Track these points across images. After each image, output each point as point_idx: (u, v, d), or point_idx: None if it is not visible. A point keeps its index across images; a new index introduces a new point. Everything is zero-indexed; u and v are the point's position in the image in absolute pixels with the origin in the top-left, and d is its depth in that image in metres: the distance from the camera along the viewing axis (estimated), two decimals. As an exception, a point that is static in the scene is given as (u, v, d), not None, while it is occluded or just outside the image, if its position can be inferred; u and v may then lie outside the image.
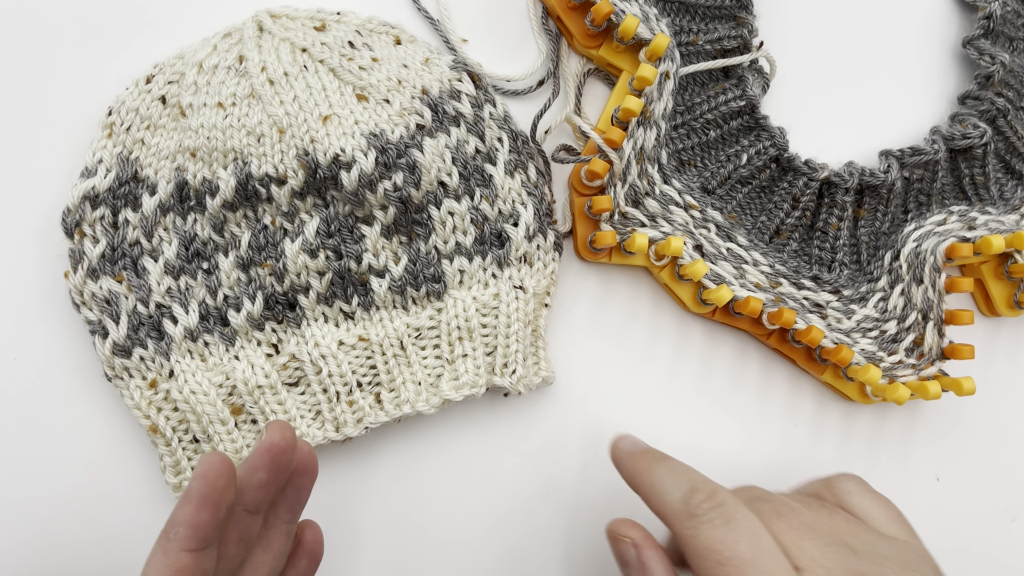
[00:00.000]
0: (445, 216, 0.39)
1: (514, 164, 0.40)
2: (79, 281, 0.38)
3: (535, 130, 0.42)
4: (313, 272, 0.38)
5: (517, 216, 0.40)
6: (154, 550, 0.28)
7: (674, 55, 0.40)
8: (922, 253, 0.43)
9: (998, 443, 0.48)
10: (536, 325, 0.41)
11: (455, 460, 0.42)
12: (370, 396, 0.39)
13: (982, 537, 0.47)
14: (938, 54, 0.49)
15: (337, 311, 0.39)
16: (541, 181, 0.42)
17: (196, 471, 0.28)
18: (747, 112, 0.44)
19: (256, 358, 0.38)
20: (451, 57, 0.42)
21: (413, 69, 0.40)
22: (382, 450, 0.41)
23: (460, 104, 0.40)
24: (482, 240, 0.40)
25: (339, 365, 0.38)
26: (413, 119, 0.39)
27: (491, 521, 0.42)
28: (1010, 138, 0.47)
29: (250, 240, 0.38)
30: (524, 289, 0.40)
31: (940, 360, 0.44)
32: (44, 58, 0.41)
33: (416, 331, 0.39)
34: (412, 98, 0.39)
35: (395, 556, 0.41)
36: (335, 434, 0.38)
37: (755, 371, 0.45)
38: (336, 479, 0.41)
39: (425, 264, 0.39)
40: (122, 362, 0.37)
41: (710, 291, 0.41)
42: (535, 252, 0.40)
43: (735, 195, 0.44)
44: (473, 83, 0.41)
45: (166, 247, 0.38)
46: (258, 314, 0.38)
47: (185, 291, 0.38)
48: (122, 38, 0.42)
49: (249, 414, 0.38)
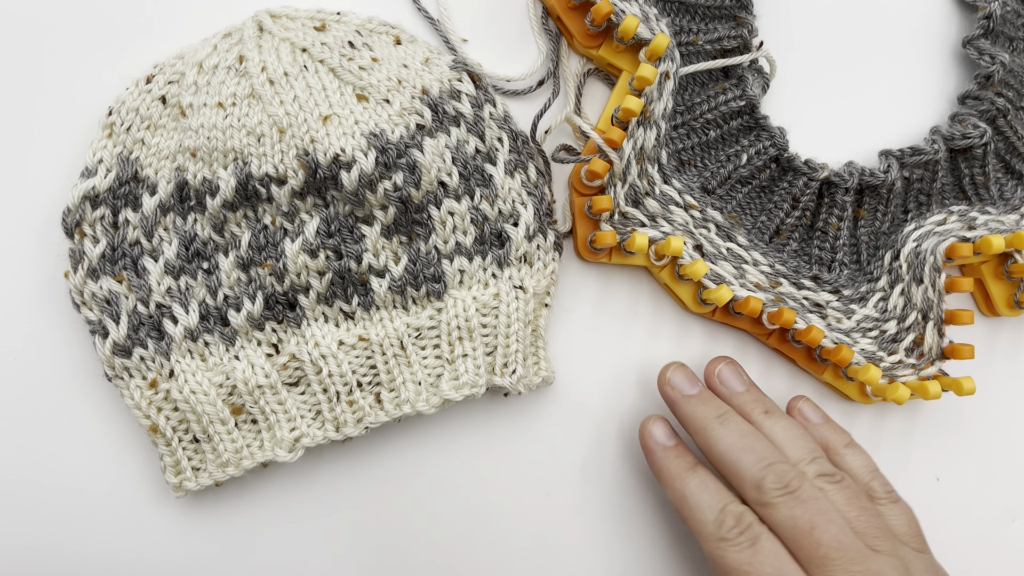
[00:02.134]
0: (445, 216, 0.39)
1: (514, 164, 0.40)
2: (79, 281, 0.38)
3: (535, 130, 0.42)
4: (313, 272, 0.38)
5: (517, 216, 0.40)
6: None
7: (674, 55, 0.40)
8: (922, 253, 0.43)
9: (998, 443, 0.48)
10: (536, 325, 0.41)
11: (455, 460, 0.42)
12: (370, 396, 0.39)
13: (982, 537, 0.47)
14: (938, 54, 0.49)
15: (337, 311, 0.39)
16: (541, 181, 0.42)
17: None
18: (747, 112, 0.44)
19: (256, 358, 0.38)
20: (451, 57, 0.42)
21: (413, 69, 0.40)
22: (382, 450, 0.41)
23: (460, 104, 0.40)
24: (482, 240, 0.40)
25: (339, 365, 0.38)
26: (413, 119, 0.39)
27: (491, 521, 0.42)
28: (1010, 138, 0.47)
29: (250, 240, 0.38)
30: (524, 289, 0.40)
31: (940, 360, 0.44)
32: (44, 58, 0.41)
33: (416, 331, 0.39)
34: (412, 98, 0.39)
35: (395, 556, 0.41)
36: (335, 434, 0.38)
37: (755, 371, 0.45)
38: (336, 479, 0.41)
39: (425, 264, 0.39)
40: (122, 362, 0.37)
41: (710, 291, 0.41)
42: (535, 252, 0.40)
43: (735, 195, 0.44)
44: (473, 83, 0.41)
45: (166, 247, 0.38)
46: (258, 314, 0.38)
47: (185, 291, 0.38)
48: (122, 38, 0.42)
49: (249, 414, 0.38)
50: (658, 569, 0.43)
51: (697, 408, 0.39)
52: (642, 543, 0.43)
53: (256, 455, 0.38)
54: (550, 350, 0.43)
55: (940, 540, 0.39)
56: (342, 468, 0.41)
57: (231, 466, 0.37)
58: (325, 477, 0.41)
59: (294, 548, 0.40)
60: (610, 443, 0.43)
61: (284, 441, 0.38)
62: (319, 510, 0.41)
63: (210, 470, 0.38)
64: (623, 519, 0.43)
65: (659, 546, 0.43)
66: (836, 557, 0.34)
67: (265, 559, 0.40)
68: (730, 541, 0.35)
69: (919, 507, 0.39)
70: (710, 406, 0.39)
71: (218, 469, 0.38)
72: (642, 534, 0.43)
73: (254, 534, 0.40)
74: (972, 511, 0.47)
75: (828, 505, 0.35)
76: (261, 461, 0.38)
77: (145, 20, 0.42)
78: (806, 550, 0.34)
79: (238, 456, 0.38)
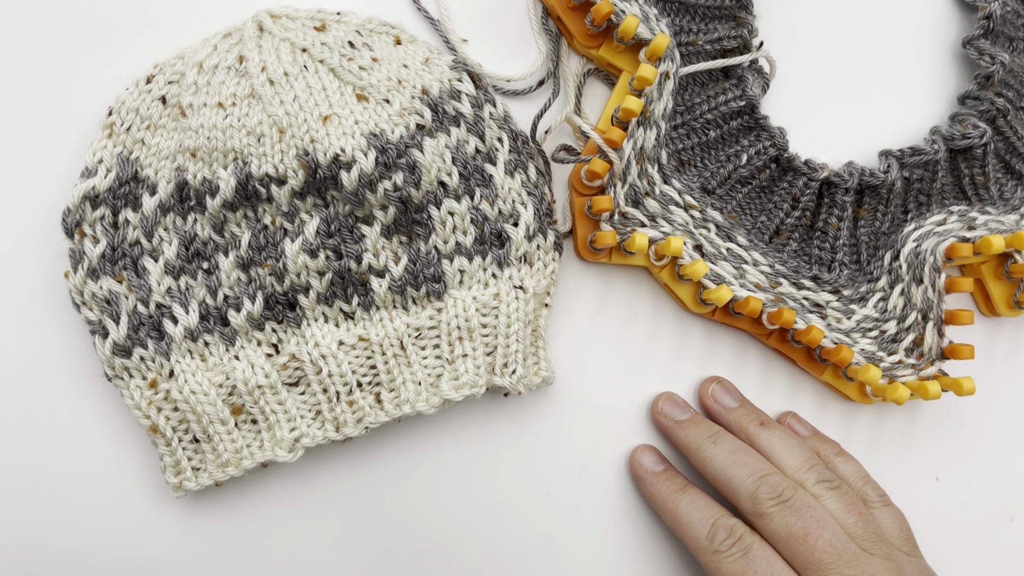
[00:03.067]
0: (445, 216, 0.39)
1: (514, 164, 0.40)
2: (79, 281, 0.38)
3: (535, 130, 0.42)
4: (313, 272, 0.38)
5: (517, 216, 0.40)
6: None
7: (674, 55, 0.40)
8: (922, 253, 0.43)
9: (998, 443, 0.48)
10: (536, 325, 0.41)
11: (455, 460, 0.42)
12: (370, 396, 0.39)
13: (982, 537, 0.47)
14: (938, 54, 0.49)
15: (337, 311, 0.39)
16: (541, 181, 0.42)
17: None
18: (747, 112, 0.44)
19: (256, 358, 0.38)
20: (451, 57, 0.42)
21: (413, 69, 0.40)
22: (382, 450, 0.41)
23: (460, 104, 0.40)
24: (482, 240, 0.40)
25: (339, 365, 0.38)
26: (413, 119, 0.39)
27: (491, 521, 0.42)
28: (1010, 138, 0.47)
29: (250, 240, 0.38)
30: (524, 289, 0.40)
31: (940, 360, 0.44)
32: (44, 58, 0.41)
33: (416, 331, 0.39)
34: (412, 98, 0.39)
35: (395, 556, 0.41)
36: (335, 434, 0.38)
37: (755, 371, 0.45)
38: (336, 479, 0.41)
39: (425, 264, 0.39)
40: (122, 362, 0.37)
41: (710, 291, 0.41)
42: (535, 252, 0.40)
43: (735, 195, 0.44)
44: (473, 83, 0.41)
45: (166, 247, 0.38)
46: (258, 314, 0.38)
47: (185, 291, 0.38)
48: (122, 38, 0.42)
49: (249, 414, 0.38)
50: (658, 569, 0.43)
51: (690, 431, 0.41)
52: (642, 543, 0.43)
53: (256, 455, 0.38)
54: (550, 350, 0.43)
55: (940, 540, 0.39)
56: (342, 468, 0.41)
57: (231, 466, 0.37)
58: (325, 477, 0.41)
59: (294, 548, 0.40)
60: (610, 443, 0.43)
61: (284, 441, 0.38)
62: (319, 510, 0.41)
63: (210, 470, 0.38)
64: (623, 519, 0.43)
65: (659, 546, 0.43)
66: (831, 561, 0.35)
67: (265, 559, 0.40)
68: (723, 553, 0.36)
69: (919, 507, 0.39)
70: (702, 427, 0.41)
71: (218, 469, 0.38)
72: (642, 534, 0.43)
73: (254, 534, 0.40)
74: (971, 511, 0.47)
75: (822, 512, 0.36)
76: (261, 461, 0.38)
77: (145, 20, 0.42)
78: (801, 556, 0.35)
79: (238, 456, 0.38)
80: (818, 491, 0.38)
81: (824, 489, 0.38)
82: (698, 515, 0.38)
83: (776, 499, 0.37)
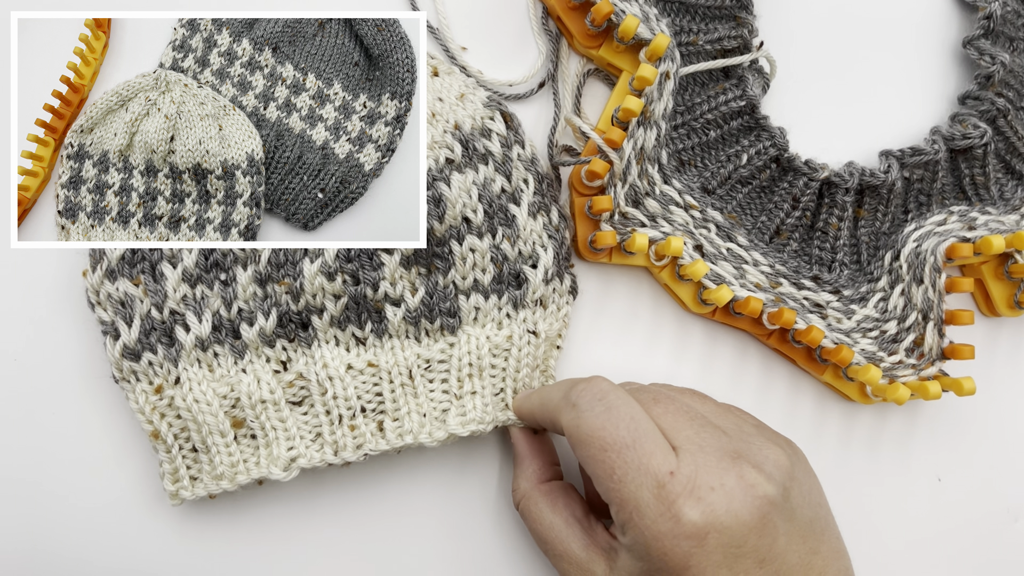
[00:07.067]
0: (466, 252, 0.39)
1: (538, 206, 0.40)
2: (96, 281, 0.37)
3: (552, 146, 0.42)
4: (329, 295, 0.38)
5: (536, 258, 0.40)
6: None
7: (674, 55, 0.40)
8: (922, 253, 0.43)
9: (998, 443, 0.48)
10: (546, 366, 0.41)
11: (454, 460, 0.42)
12: (372, 423, 0.38)
13: (984, 537, 0.47)
14: (938, 54, 0.49)
15: (349, 336, 0.38)
16: (563, 225, 0.42)
17: None
18: (747, 112, 0.44)
19: (263, 373, 0.38)
20: (486, 94, 0.42)
21: (448, 103, 0.40)
22: (380, 455, 0.41)
23: (490, 143, 0.40)
24: (500, 279, 0.40)
25: (345, 388, 0.38)
26: (443, 153, 0.39)
27: (491, 521, 0.42)
28: (1010, 138, 0.47)
29: (270, 256, 0.38)
30: (537, 334, 0.40)
31: (940, 360, 0.44)
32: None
33: (426, 362, 0.39)
34: (444, 132, 0.39)
35: (394, 556, 0.41)
36: (333, 457, 0.37)
37: (755, 371, 0.45)
38: (332, 490, 0.41)
39: (442, 298, 0.39)
40: (130, 365, 0.37)
41: (710, 291, 0.41)
42: (551, 295, 0.41)
43: (735, 195, 0.44)
44: (505, 123, 0.41)
45: (185, 254, 0.38)
46: (270, 330, 0.38)
47: (200, 300, 0.38)
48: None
49: (249, 428, 0.38)
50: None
51: (522, 404, 0.39)
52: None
53: (252, 471, 0.37)
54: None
55: (942, 540, 0.39)
56: (339, 480, 0.41)
57: (225, 479, 0.37)
58: (322, 490, 0.41)
59: (290, 560, 0.40)
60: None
61: (280, 459, 0.37)
62: (318, 509, 0.41)
63: (205, 481, 0.37)
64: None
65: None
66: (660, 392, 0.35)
67: (261, 569, 0.40)
68: (581, 407, 0.33)
69: (920, 507, 0.39)
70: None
71: (212, 481, 0.37)
72: (642, 534, 0.43)
73: (250, 544, 0.40)
74: (974, 511, 0.47)
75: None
76: (256, 477, 0.37)
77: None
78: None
79: (233, 470, 0.37)
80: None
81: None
82: (556, 386, 0.36)
83: (592, 395, 0.34)
